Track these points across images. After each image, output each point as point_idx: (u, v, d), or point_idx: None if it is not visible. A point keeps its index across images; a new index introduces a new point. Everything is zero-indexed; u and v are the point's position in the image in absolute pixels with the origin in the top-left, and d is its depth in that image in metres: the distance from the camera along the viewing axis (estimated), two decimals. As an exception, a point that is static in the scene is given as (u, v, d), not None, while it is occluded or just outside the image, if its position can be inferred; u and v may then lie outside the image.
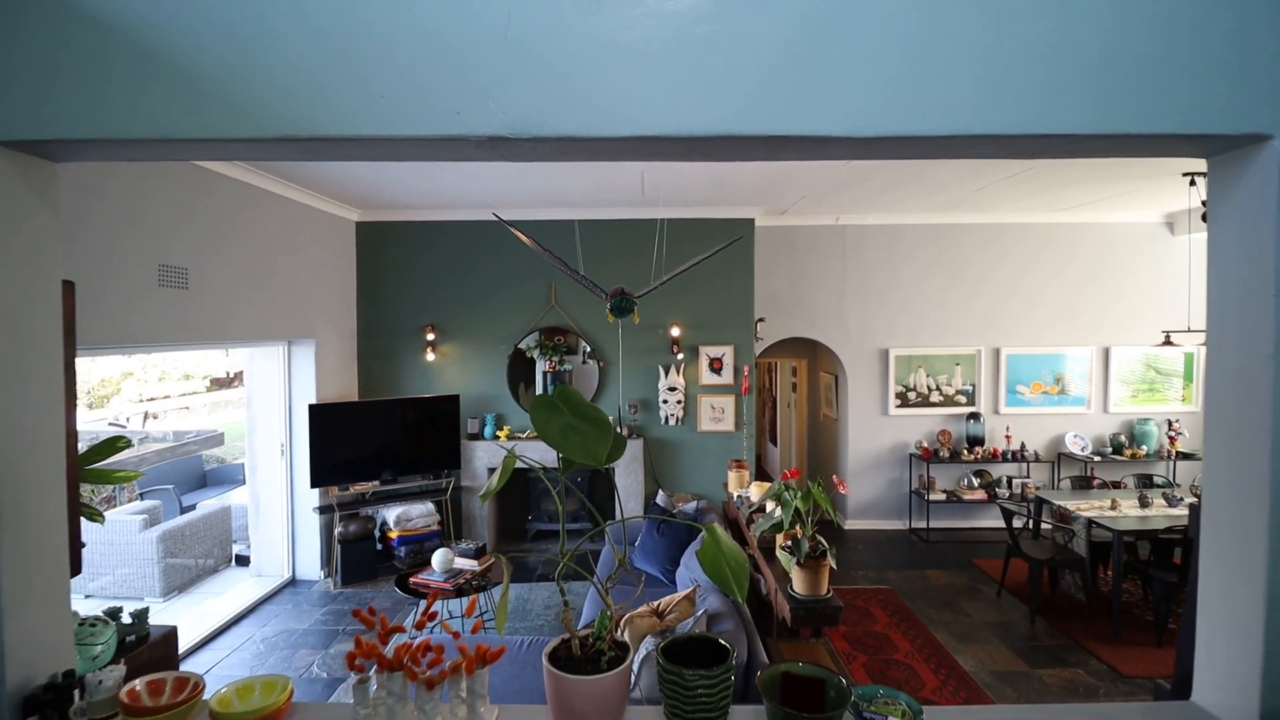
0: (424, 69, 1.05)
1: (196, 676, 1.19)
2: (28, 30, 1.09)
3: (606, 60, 1.06)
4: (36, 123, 1.11)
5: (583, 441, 1.05)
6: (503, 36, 1.04)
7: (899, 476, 6.77)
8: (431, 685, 1.08)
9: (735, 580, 1.08)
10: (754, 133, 1.06)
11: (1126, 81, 1.09)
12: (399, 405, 5.75)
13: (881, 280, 6.67)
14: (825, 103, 1.05)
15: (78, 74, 1.10)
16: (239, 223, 4.37)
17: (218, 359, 13.65)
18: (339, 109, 1.06)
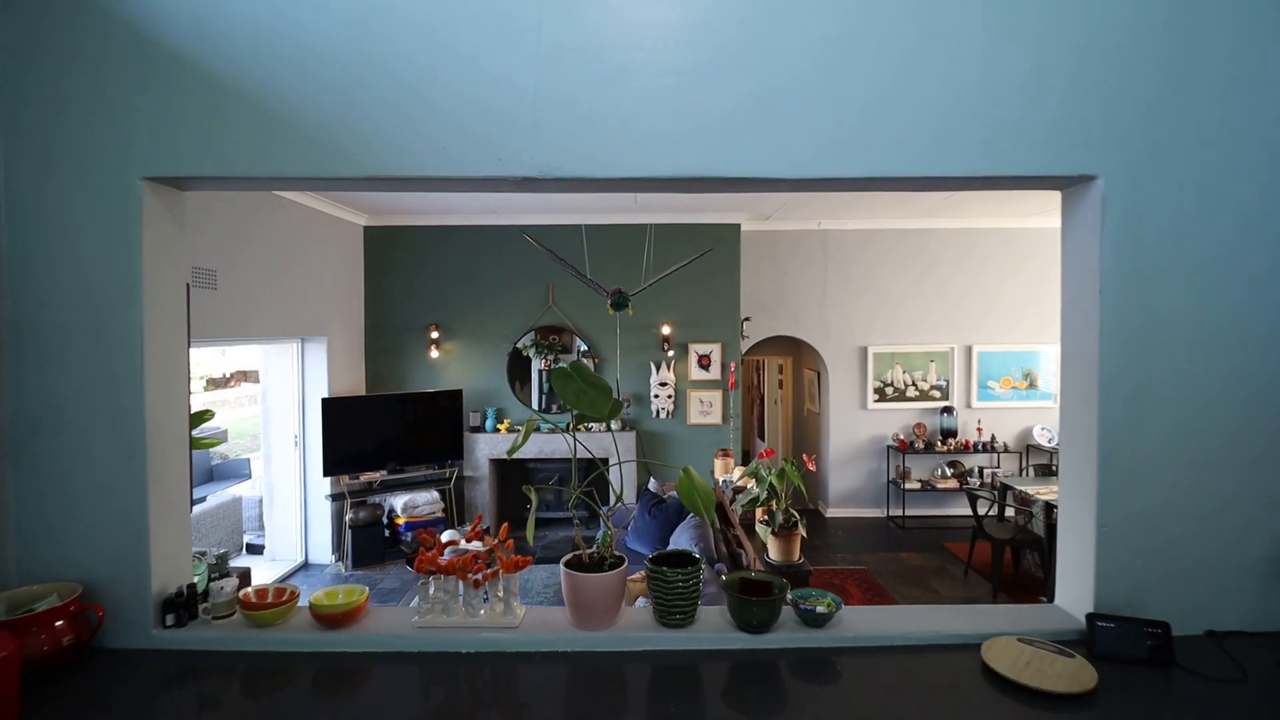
0: (477, 129, 1.43)
1: (293, 586, 1.55)
2: (172, 95, 1.45)
3: (608, 123, 1.44)
4: (172, 163, 1.47)
5: (591, 401, 1.42)
6: (532, 107, 1.42)
7: (877, 467, 7.17)
8: (478, 585, 1.45)
9: (705, 507, 1.46)
10: (714, 175, 1.44)
11: (997, 137, 1.47)
12: (405, 399, 6.10)
13: (860, 281, 7.07)
14: (765, 154, 1.43)
15: (205, 126, 1.46)
16: (259, 228, 4.72)
17: (215, 360, 13.87)
18: (413, 156, 1.43)
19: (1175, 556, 1.50)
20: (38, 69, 1.45)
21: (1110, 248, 1.47)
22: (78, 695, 1.31)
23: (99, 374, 1.47)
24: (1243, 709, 1.24)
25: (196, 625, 1.53)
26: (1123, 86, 1.47)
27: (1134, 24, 1.47)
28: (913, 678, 1.37)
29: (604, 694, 1.33)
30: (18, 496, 1.49)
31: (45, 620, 1.35)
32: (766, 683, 1.36)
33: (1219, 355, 1.49)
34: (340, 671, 1.41)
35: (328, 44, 1.44)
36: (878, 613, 1.60)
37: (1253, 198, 1.49)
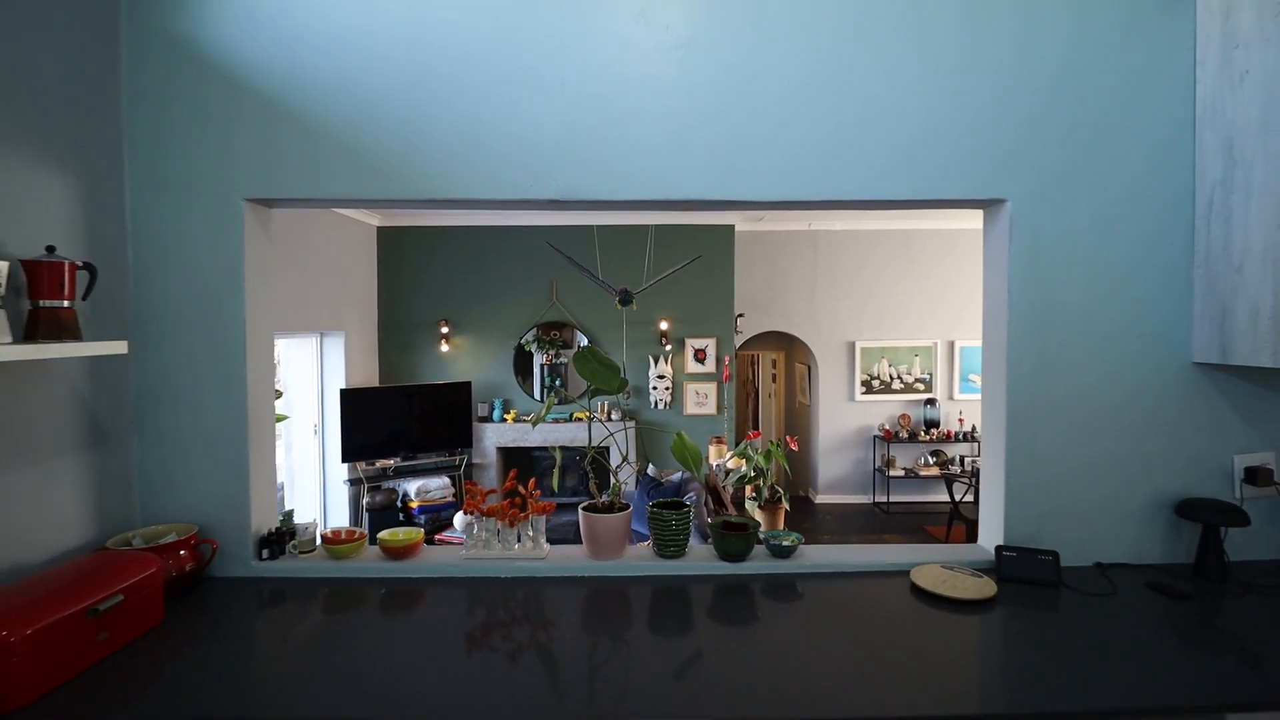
0: (511, 159, 1.80)
1: (360, 530, 1.92)
2: (267, 131, 1.82)
3: (619, 154, 1.81)
4: (267, 187, 1.84)
5: (604, 378, 1.79)
6: (556, 141, 1.79)
7: (864, 456, 7.56)
8: (513, 524, 1.82)
9: (694, 464, 1.84)
10: (701, 198, 1.81)
11: (930, 168, 1.84)
12: (417, 391, 6.46)
13: (848, 278, 7.44)
14: (741, 181, 1.81)
15: (294, 157, 1.82)
16: (282, 228, 5.07)
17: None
18: (459, 180, 1.79)
19: (1069, 503, 1.88)
20: (156, 110, 1.82)
21: (1016, 255, 1.84)
22: (199, 610, 1.67)
23: (209, 356, 1.83)
24: (1102, 611, 1.62)
25: (286, 558, 1.90)
26: (1027, 127, 1.84)
27: (1036, 77, 1.84)
28: (857, 594, 1.74)
29: (614, 610, 1.70)
30: (141, 454, 1.86)
31: (174, 548, 1.72)
32: (742, 600, 1.73)
33: (1105, 344, 1.87)
34: (403, 594, 1.78)
35: (391, 94, 1.81)
36: (831, 549, 1.98)
37: (1136, 217, 1.86)
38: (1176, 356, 1.88)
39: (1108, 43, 1.85)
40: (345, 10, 1.81)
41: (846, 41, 1.83)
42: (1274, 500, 1.89)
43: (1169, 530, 1.90)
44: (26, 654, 1.23)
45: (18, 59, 1.52)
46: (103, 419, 1.76)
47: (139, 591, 1.50)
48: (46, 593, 1.36)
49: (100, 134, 1.76)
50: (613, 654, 1.45)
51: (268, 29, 1.82)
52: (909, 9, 1.83)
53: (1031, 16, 1.84)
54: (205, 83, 1.82)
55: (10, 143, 1.50)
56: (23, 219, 1.53)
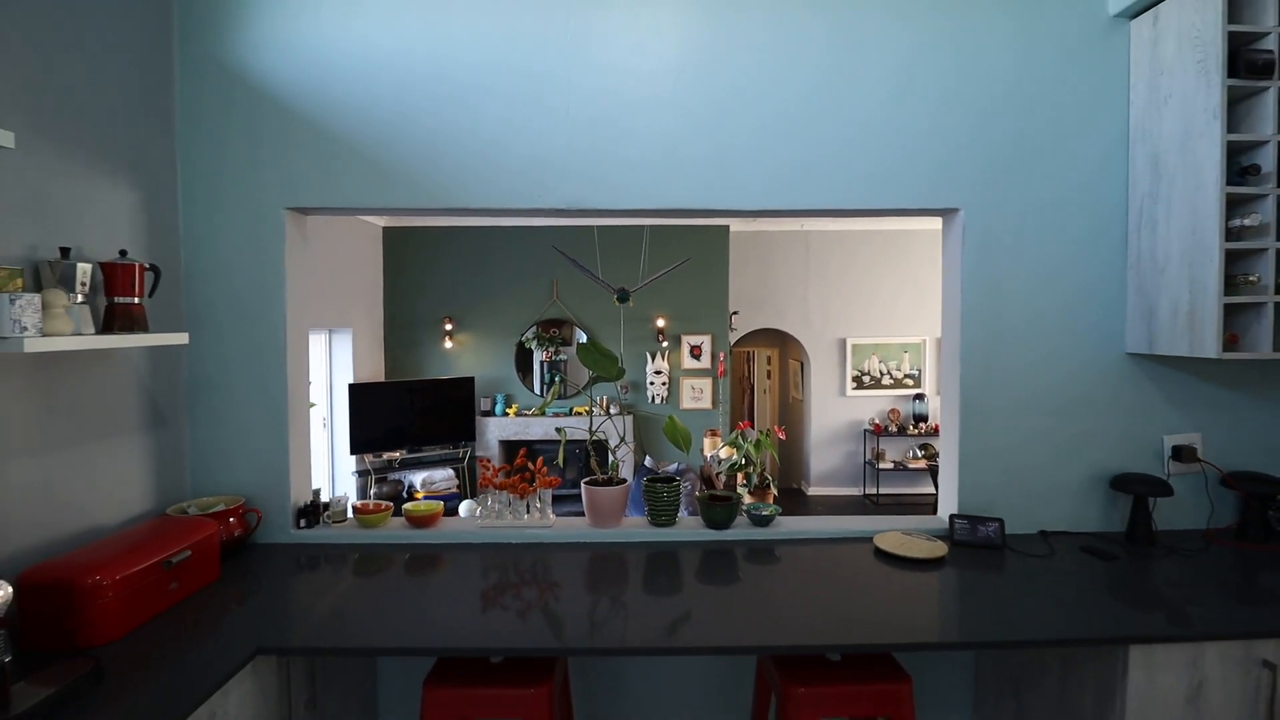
0: (522, 174, 2.03)
1: (388, 502, 2.15)
2: (304, 148, 2.05)
3: (617, 169, 2.04)
4: (305, 197, 2.07)
5: (604, 366, 2.03)
6: (562, 158, 2.02)
7: (855, 449, 7.80)
8: (523, 496, 2.06)
9: (683, 442, 2.07)
10: (691, 207, 2.04)
11: (894, 181, 2.07)
12: (423, 386, 6.68)
13: (840, 278, 7.67)
14: (726, 193, 2.04)
15: (328, 170, 2.05)
16: (299, 230, 5.29)
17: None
18: (476, 192, 2.03)
19: (1016, 477, 2.12)
20: (206, 128, 2.05)
21: (968, 258, 2.08)
22: (247, 570, 1.90)
23: (253, 347, 2.06)
24: (1039, 570, 1.85)
25: (320, 528, 2.13)
26: (979, 145, 2.07)
27: (987, 101, 2.07)
28: (827, 557, 1.97)
29: (612, 571, 1.93)
30: (192, 434, 2.09)
31: (225, 516, 1.95)
32: (726, 563, 1.96)
33: (1048, 336, 2.11)
34: (424, 558, 2.01)
35: (416, 116, 2.04)
36: (805, 519, 2.22)
37: (1076, 225, 2.10)
38: (1112, 347, 2.12)
39: (1052, 70, 2.08)
40: (376, 41, 2.04)
41: (823, 74, 2.06)
42: (1198, 475, 2.13)
43: (1105, 501, 2.14)
44: (116, 596, 1.47)
45: (90, 90, 1.75)
46: (160, 402, 1.99)
47: (201, 550, 1.73)
48: (128, 548, 1.60)
49: (157, 151, 1.99)
50: (611, 603, 1.68)
51: (306, 56, 2.05)
52: (878, 46, 2.06)
53: (983, 48, 2.07)
54: (250, 104, 2.05)
55: (87, 161, 1.73)
56: (97, 227, 1.76)
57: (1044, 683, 1.81)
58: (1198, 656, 1.52)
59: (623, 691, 2.13)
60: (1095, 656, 1.60)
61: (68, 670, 1.29)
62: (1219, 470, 2.11)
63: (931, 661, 2.14)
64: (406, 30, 2.04)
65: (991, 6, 2.07)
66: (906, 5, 2.06)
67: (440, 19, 2.04)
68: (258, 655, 1.44)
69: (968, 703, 2.16)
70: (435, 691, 1.53)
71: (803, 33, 2.06)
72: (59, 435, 1.65)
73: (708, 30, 2.06)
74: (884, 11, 2.06)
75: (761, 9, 2.05)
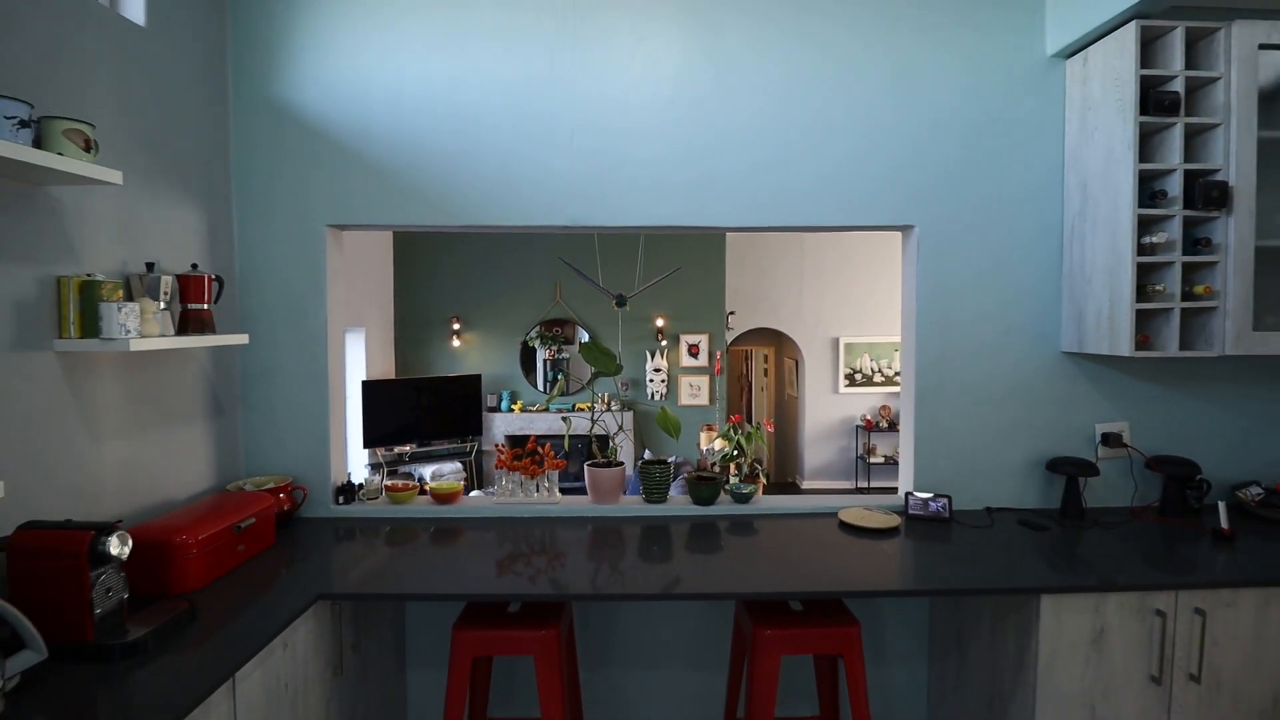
0: (532, 196, 2.33)
1: (414, 481, 2.46)
2: (343, 173, 2.35)
3: (615, 191, 2.34)
4: (343, 216, 2.37)
5: (604, 362, 2.33)
6: (567, 183, 2.32)
7: (847, 444, 8.10)
8: (533, 476, 2.36)
9: (674, 429, 2.37)
10: (680, 224, 2.34)
11: (859, 201, 2.37)
12: (432, 383, 6.99)
13: (834, 279, 7.96)
14: (710, 211, 2.34)
15: (362, 192, 2.35)
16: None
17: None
18: (492, 212, 2.33)
19: (964, 461, 2.42)
20: (257, 156, 2.35)
21: (922, 270, 2.38)
22: (295, 539, 2.21)
23: (299, 346, 2.37)
24: (980, 538, 2.15)
25: (356, 504, 2.44)
26: (931, 169, 2.37)
27: (941, 131, 2.37)
28: (798, 529, 2.27)
29: (611, 542, 2.23)
30: (245, 421, 2.40)
31: (276, 491, 2.25)
32: (710, 533, 2.25)
33: (993, 337, 2.40)
34: (447, 530, 2.31)
35: (440, 145, 2.34)
36: (781, 498, 2.52)
37: (1018, 240, 2.39)
38: (1049, 347, 2.42)
39: (998, 104, 2.38)
40: (404, 81, 2.34)
41: (796, 110, 2.36)
42: (1125, 459, 2.42)
43: (1043, 481, 2.44)
44: (200, 553, 1.77)
45: (165, 129, 2.05)
46: (219, 393, 2.30)
47: (262, 518, 2.04)
48: (203, 515, 1.90)
49: (216, 177, 2.29)
50: (610, 565, 1.98)
51: (343, 92, 2.35)
52: (844, 87, 2.36)
53: (936, 85, 2.36)
54: (294, 135, 2.35)
55: (163, 189, 2.03)
56: (172, 243, 2.06)
57: (980, 633, 2.11)
58: (1100, 605, 1.82)
59: (618, 643, 2.44)
60: (1017, 608, 1.90)
61: (168, 609, 1.60)
62: (1143, 455, 2.41)
63: (892, 620, 2.45)
64: (431, 72, 2.34)
65: (944, 47, 2.37)
66: (869, 50, 2.36)
67: (460, 62, 2.34)
68: (318, 600, 1.74)
69: (924, 656, 2.46)
70: (463, 633, 1.83)
71: (779, 75, 2.36)
72: (142, 420, 1.96)
73: (694, 70, 2.36)
74: (849, 58, 2.36)
75: (742, 53, 2.35)
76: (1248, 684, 1.84)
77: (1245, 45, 2.08)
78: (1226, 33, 2.09)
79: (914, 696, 2.48)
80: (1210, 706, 1.84)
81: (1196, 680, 1.83)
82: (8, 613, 1.30)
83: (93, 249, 1.78)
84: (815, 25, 2.36)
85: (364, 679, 2.10)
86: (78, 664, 1.40)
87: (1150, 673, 1.84)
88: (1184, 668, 1.83)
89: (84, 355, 1.75)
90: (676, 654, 2.45)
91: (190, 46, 2.17)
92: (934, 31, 2.37)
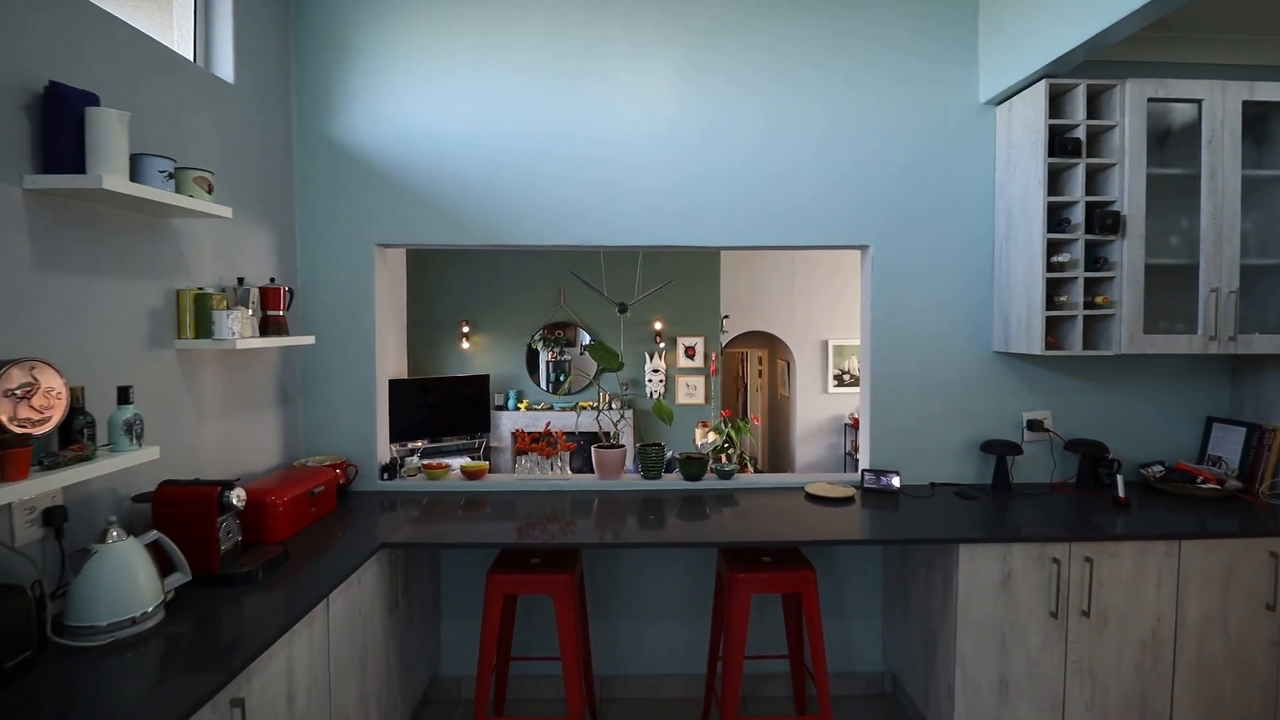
0: (546, 219, 2.78)
1: (447, 461, 2.90)
2: (389, 200, 2.80)
3: (619, 215, 2.79)
4: (389, 236, 2.82)
5: (608, 360, 2.79)
6: (576, 209, 2.77)
7: (836, 441, 8.54)
8: (548, 456, 2.81)
9: (667, 417, 2.81)
10: (674, 244, 2.79)
11: (822, 224, 2.82)
12: (442, 382, 7.43)
13: (823, 284, 8.40)
14: (700, 232, 2.79)
15: (404, 216, 2.80)
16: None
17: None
18: (512, 233, 2.78)
19: (912, 444, 2.86)
20: (316, 186, 2.80)
21: (876, 283, 2.83)
22: (349, 507, 2.65)
23: (351, 346, 2.81)
24: (921, 506, 2.59)
25: (398, 480, 2.88)
26: (883, 198, 2.82)
27: (891, 166, 2.82)
28: (771, 499, 2.71)
29: (615, 512, 2.66)
30: (306, 410, 2.84)
31: (334, 467, 2.69)
32: (698, 506, 2.69)
33: (935, 338, 2.85)
34: (476, 501, 2.75)
35: (469, 175, 2.79)
36: (758, 476, 2.97)
37: (956, 257, 2.84)
38: (983, 346, 2.87)
39: (940, 143, 2.83)
40: (440, 123, 2.79)
41: (773, 149, 2.81)
42: (1046, 442, 2.87)
43: (978, 461, 2.89)
44: (285, 511, 2.21)
45: (250, 168, 2.50)
46: (287, 386, 2.74)
47: (328, 487, 2.49)
48: (285, 482, 2.34)
49: (283, 204, 2.74)
50: (614, 527, 2.43)
51: (390, 132, 2.80)
52: (810, 131, 2.81)
53: (886, 126, 2.82)
54: (348, 168, 2.80)
55: (248, 216, 2.48)
56: (253, 260, 2.51)
57: (919, 582, 2.56)
58: (1007, 554, 2.26)
59: (620, 593, 2.88)
60: (944, 557, 2.35)
61: (267, 552, 2.04)
62: (1061, 438, 2.86)
63: (851, 577, 2.89)
64: (463, 116, 2.80)
65: (896, 97, 2.82)
66: (834, 102, 2.81)
67: (488, 107, 2.79)
68: (381, 548, 2.19)
69: (878, 609, 2.91)
70: (495, 577, 2.28)
71: (756, 121, 2.81)
72: (231, 406, 2.41)
73: (685, 115, 2.81)
74: (816, 108, 2.81)
75: (726, 104, 2.80)
76: (1129, 618, 2.29)
77: (1137, 99, 2.53)
78: (1122, 88, 2.54)
79: (871, 642, 2.92)
80: (1098, 636, 2.29)
81: (1087, 615, 2.28)
82: (165, 544, 1.75)
83: (199, 267, 2.23)
84: (787, 82, 2.81)
85: (410, 619, 2.55)
86: (209, 587, 1.84)
87: (1049, 609, 2.28)
88: (1077, 605, 2.28)
89: (194, 352, 2.19)
90: (668, 608, 2.89)
91: (265, 97, 2.62)
92: (887, 85, 2.82)
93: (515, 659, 2.78)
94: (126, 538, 1.62)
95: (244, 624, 1.63)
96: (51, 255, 1.67)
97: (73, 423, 1.63)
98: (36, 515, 1.62)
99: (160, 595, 1.65)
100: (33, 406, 1.51)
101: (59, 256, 1.69)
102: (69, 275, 1.72)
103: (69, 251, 1.72)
